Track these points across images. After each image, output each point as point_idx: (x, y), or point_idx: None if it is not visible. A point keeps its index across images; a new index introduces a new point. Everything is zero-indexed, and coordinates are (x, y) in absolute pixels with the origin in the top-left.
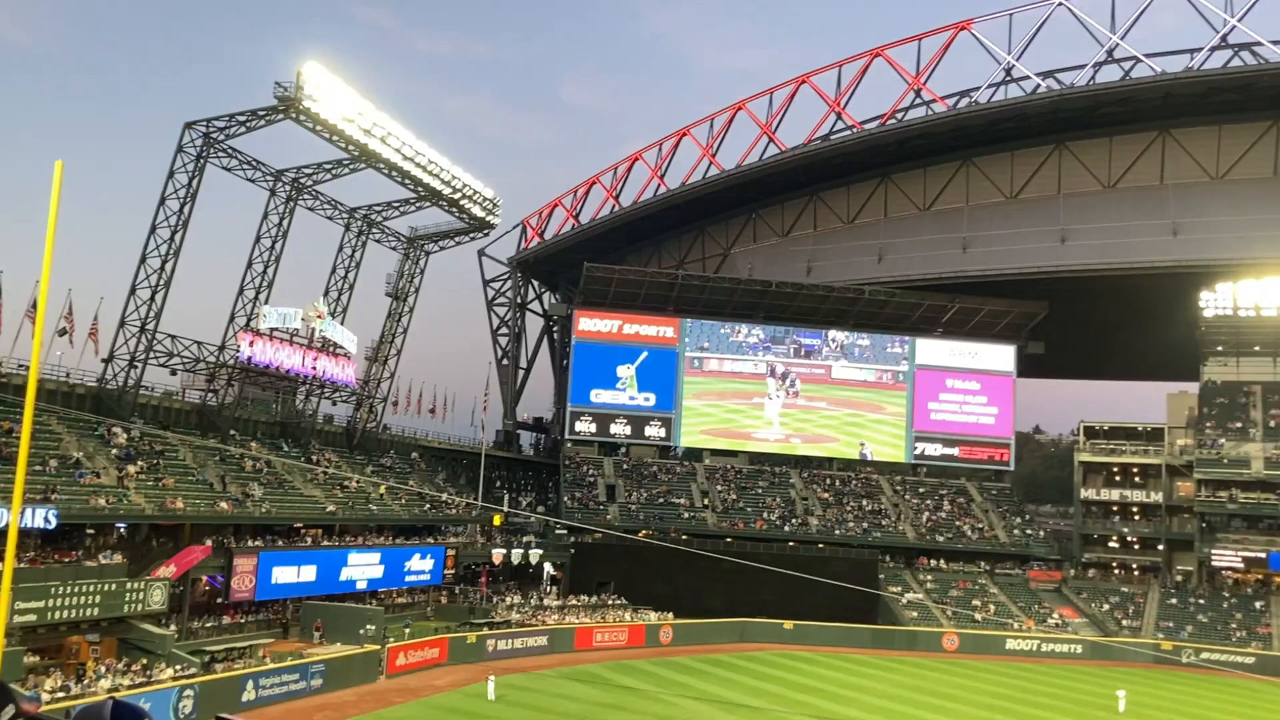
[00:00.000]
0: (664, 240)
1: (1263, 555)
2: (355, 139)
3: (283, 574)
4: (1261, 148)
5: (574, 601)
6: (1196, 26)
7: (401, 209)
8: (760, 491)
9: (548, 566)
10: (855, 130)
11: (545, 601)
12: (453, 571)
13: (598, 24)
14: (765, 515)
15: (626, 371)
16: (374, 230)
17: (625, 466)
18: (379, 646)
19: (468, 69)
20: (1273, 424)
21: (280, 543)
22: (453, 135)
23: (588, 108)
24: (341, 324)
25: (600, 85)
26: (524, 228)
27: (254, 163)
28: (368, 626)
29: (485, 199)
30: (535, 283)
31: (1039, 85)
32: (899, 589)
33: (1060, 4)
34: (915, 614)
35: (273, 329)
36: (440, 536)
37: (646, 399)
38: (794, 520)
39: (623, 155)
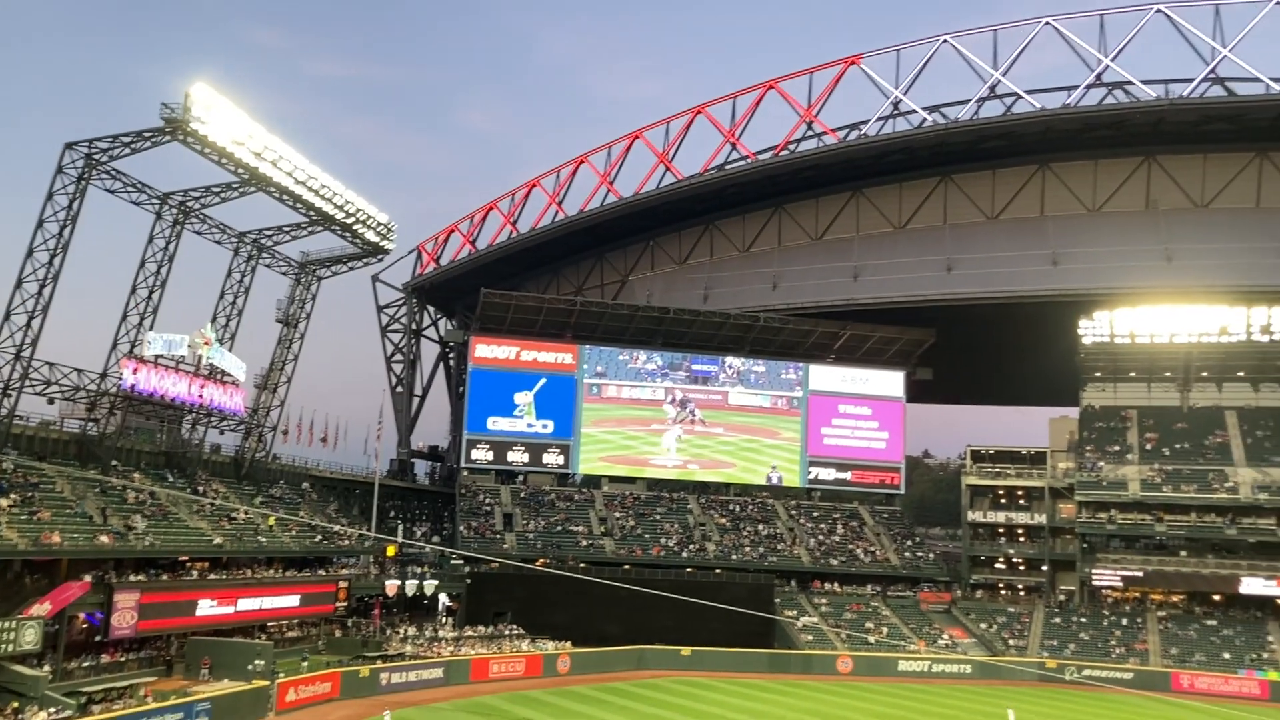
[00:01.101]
0: (562, 267)
1: (1139, 574)
2: (245, 162)
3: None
4: (1135, 182)
5: (470, 632)
6: (1075, 65)
7: (293, 233)
8: (659, 518)
9: (443, 597)
10: (749, 161)
11: (441, 633)
12: (345, 604)
13: (495, 49)
14: (663, 542)
15: (524, 399)
16: (264, 255)
17: (523, 495)
18: (268, 682)
19: (363, 92)
20: (1148, 447)
21: (164, 577)
22: (347, 159)
23: (485, 133)
24: (230, 351)
25: (498, 111)
26: (419, 253)
27: (139, 185)
28: (256, 662)
29: (379, 224)
30: (431, 309)
31: (925, 119)
32: (794, 613)
33: (945, 41)
34: (810, 637)
35: (157, 356)
36: (332, 568)
37: (545, 426)
38: (692, 546)
39: (520, 181)
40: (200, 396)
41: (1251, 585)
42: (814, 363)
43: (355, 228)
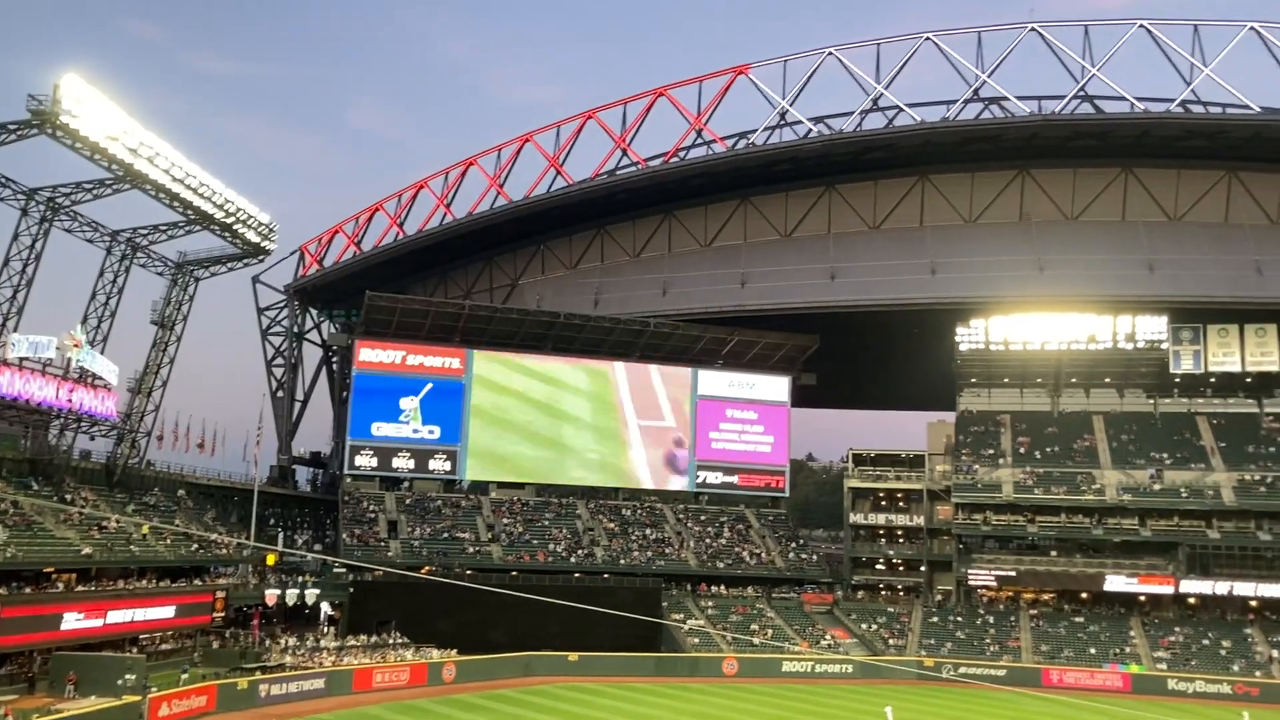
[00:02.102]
0: (450, 270)
1: (1012, 573)
2: (119, 158)
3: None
4: (1009, 194)
5: (353, 642)
6: (954, 80)
7: (170, 233)
8: (547, 523)
9: (325, 606)
10: (640, 167)
11: (322, 643)
12: (223, 615)
13: (386, 49)
14: (551, 547)
15: (410, 404)
16: (139, 254)
17: (408, 502)
18: (139, 698)
19: (249, 90)
20: (1021, 450)
21: (28, 590)
22: (233, 158)
23: (374, 133)
24: (101, 354)
25: (388, 111)
26: (302, 254)
27: (3, 180)
28: (127, 676)
29: (261, 224)
30: (314, 312)
31: (811, 130)
32: (681, 616)
33: (830, 54)
34: (697, 640)
35: (23, 359)
36: (209, 578)
37: (431, 432)
38: (580, 551)
39: (409, 183)
40: (69, 400)
41: (1115, 583)
42: (703, 367)
43: (235, 227)
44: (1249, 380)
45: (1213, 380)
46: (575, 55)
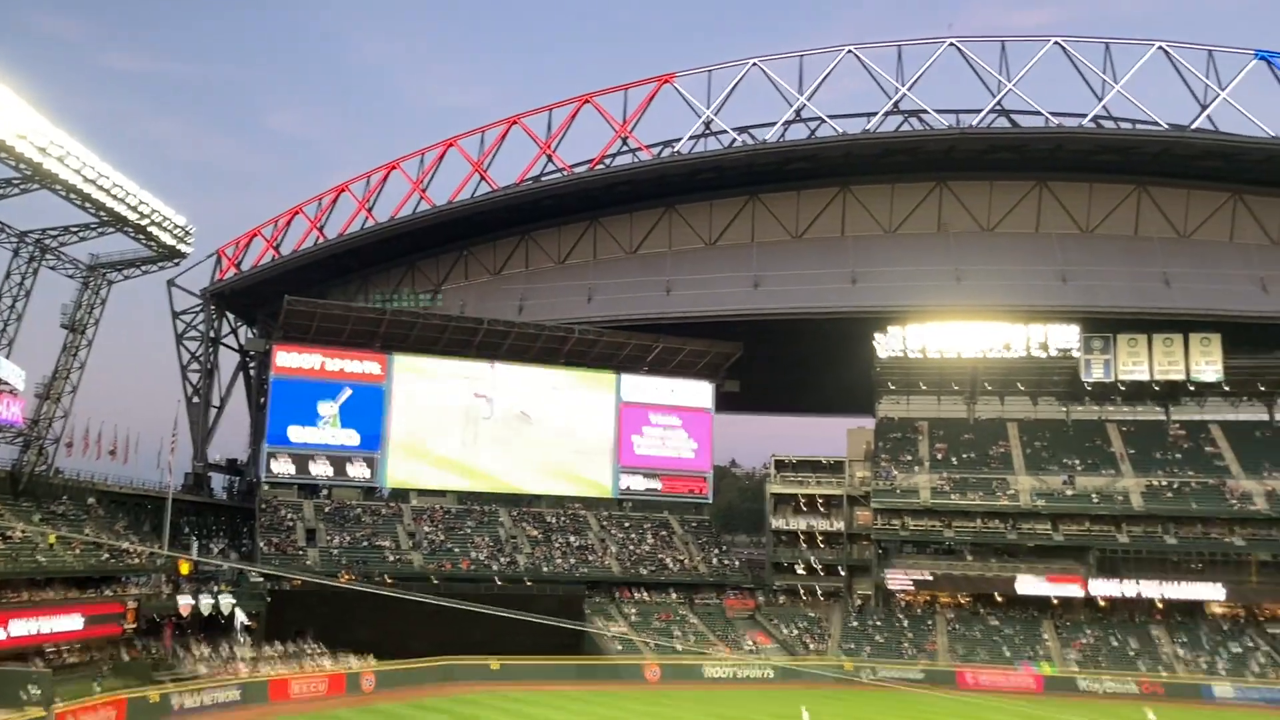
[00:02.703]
0: (372, 275)
1: (930, 577)
2: (27, 156)
3: None
4: (927, 206)
5: (269, 651)
6: (875, 93)
7: (81, 234)
8: (469, 530)
9: (241, 615)
10: (565, 173)
11: (238, 653)
12: (134, 625)
13: (308, 51)
14: (473, 554)
15: (329, 409)
16: (48, 256)
17: (327, 509)
18: (44, 712)
19: (168, 90)
20: (939, 456)
21: None
22: (147, 158)
23: (295, 136)
24: (7, 358)
25: (309, 114)
26: (219, 258)
27: None
28: (30, 689)
29: (176, 226)
30: (230, 316)
31: (735, 139)
32: (604, 622)
33: (754, 65)
34: (620, 646)
35: None
36: (120, 588)
37: (350, 437)
38: (503, 559)
39: (330, 186)
40: None
41: (1026, 584)
42: (627, 373)
43: (149, 230)
44: (1157, 389)
45: (1122, 388)
46: (501, 61)
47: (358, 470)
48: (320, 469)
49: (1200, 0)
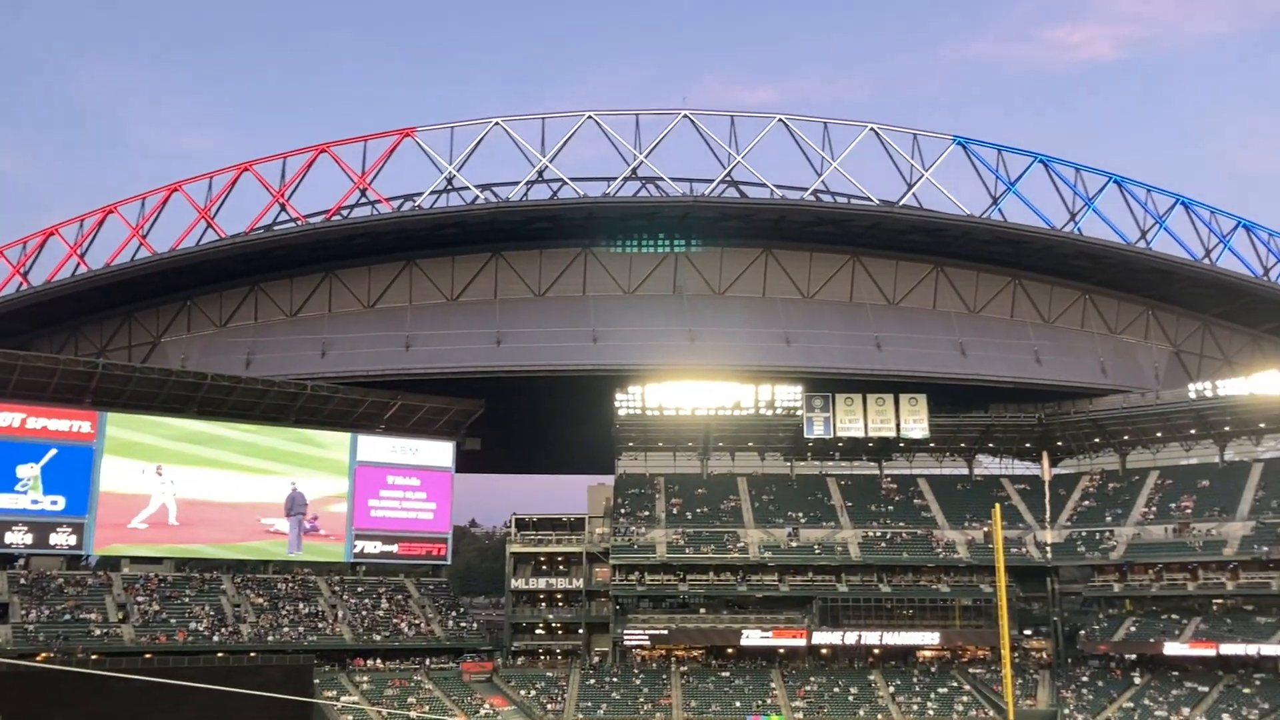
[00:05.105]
0: (83, 325)
1: (665, 632)
2: None
3: None
4: (665, 269)
5: None
6: (615, 158)
7: None
8: (188, 600)
9: None
10: (299, 223)
11: None
12: None
13: (19, 82)
14: (193, 626)
15: (29, 471)
16: None
17: (23, 581)
18: None
19: None
20: (674, 511)
21: None
22: None
23: (4, 174)
24: None
25: (20, 153)
26: None
27: None
28: None
29: None
30: None
31: (478, 196)
32: (335, 693)
33: (496, 124)
34: (350, 718)
35: None
36: None
37: (54, 502)
38: (225, 629)
39: (39, 229)
40: None
41: (751, 637)
42: (363, 433)
43: None
44: (871, 445)
45: (840, 444)
46: (232, 103)
47: (62, 538)
48: (17, 537)
49: (907, 89)
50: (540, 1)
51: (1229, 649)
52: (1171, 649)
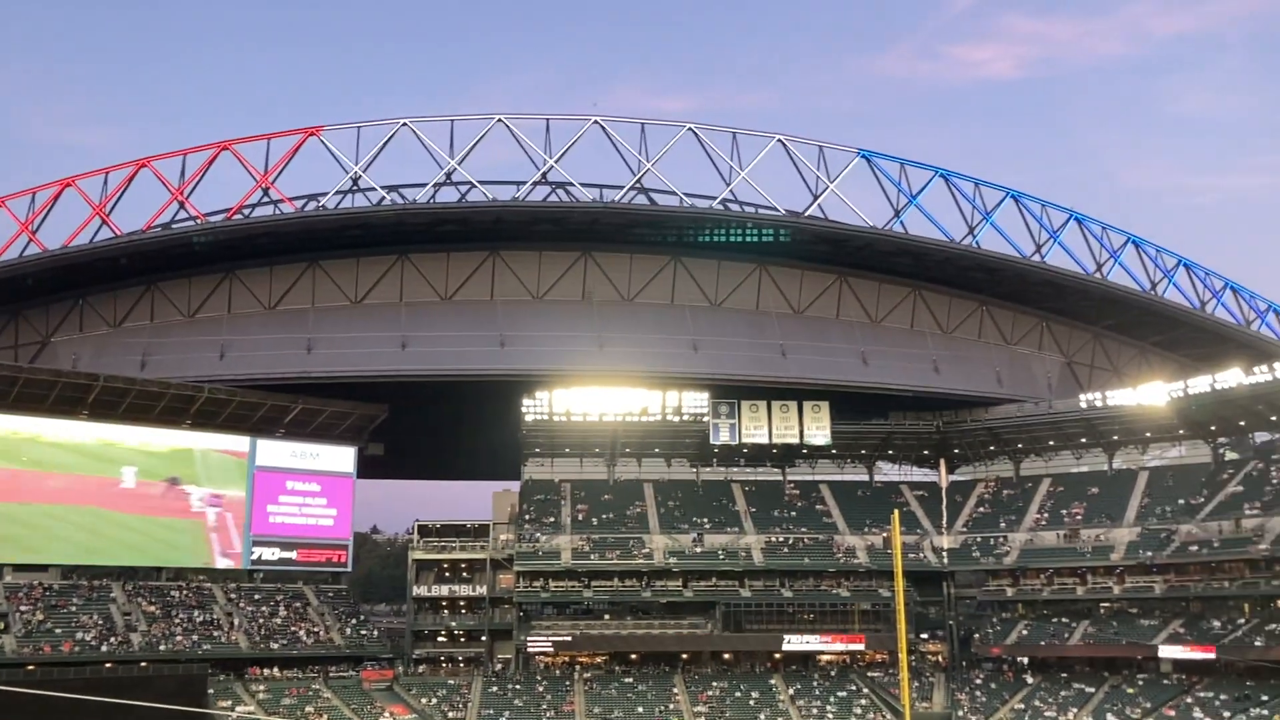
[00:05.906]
0: None
1: (569, 638)
2: None
3: None
4: (573, 274)
5: None
6: (524, 163)
7: None
8: (75, 609)
9: None
10: (198, 222)
11: None
12: None
13: None
14: (80, 636)
15: None
16: None
17: None
18: None
19: None
20: (580, 517)
21: None
22: None
23: None
24: None
25: None
26: None
27: None
28: None
29: None
30: None
31: (384, 198)
32: (229, 703)
33: (404, 125)
34: None
35: None
36: None
37: None
38: (114, 639)
39: None
40: None
41: (654, 643)
42: (263, 437)
43: None
44: (775, 451)
45: (745, 451)
46: (129, 99)
47: None
48: None
49: (815, 102)
50: (453, 9)
51: (1114, 651)
52: (1060, 651)
